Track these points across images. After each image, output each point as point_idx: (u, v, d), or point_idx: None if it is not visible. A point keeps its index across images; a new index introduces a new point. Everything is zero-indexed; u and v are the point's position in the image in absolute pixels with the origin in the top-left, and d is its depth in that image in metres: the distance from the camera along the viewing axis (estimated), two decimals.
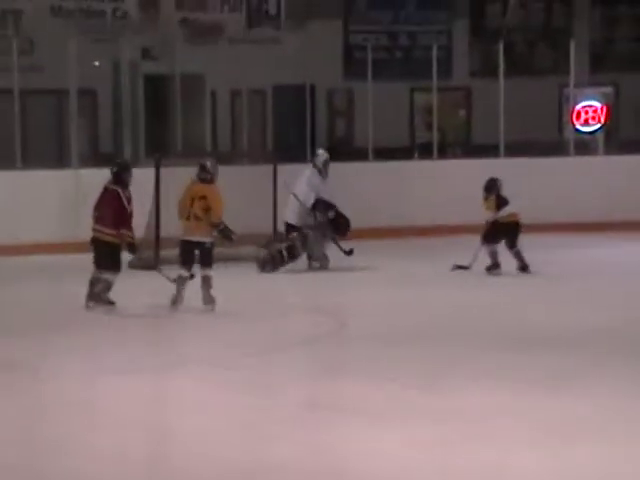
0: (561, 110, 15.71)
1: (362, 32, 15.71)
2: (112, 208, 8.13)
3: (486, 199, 10.13)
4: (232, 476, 4.73)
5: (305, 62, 13.52)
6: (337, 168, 12.57)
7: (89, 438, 5.23)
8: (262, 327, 7.87)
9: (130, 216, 8.20)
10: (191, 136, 13.03)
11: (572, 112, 14.23)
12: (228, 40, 14.72)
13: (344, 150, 14.34)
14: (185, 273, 8.23)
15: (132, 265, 10.31)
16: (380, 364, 6.63)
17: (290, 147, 12.96)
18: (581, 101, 14.33)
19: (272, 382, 6.26)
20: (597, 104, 14.33)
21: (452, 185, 12.70)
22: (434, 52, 13.35)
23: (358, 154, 13.13)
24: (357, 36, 15.71)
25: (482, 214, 12.99)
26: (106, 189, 8.34)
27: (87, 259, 10.53)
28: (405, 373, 6.39)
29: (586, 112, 14.26)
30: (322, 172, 10.80)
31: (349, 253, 10.40)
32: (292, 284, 9.81)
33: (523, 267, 9.84)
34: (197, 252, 8.26)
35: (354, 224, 12.22)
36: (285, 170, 11.09)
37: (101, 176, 11.93)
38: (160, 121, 13.45)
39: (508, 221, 9.91)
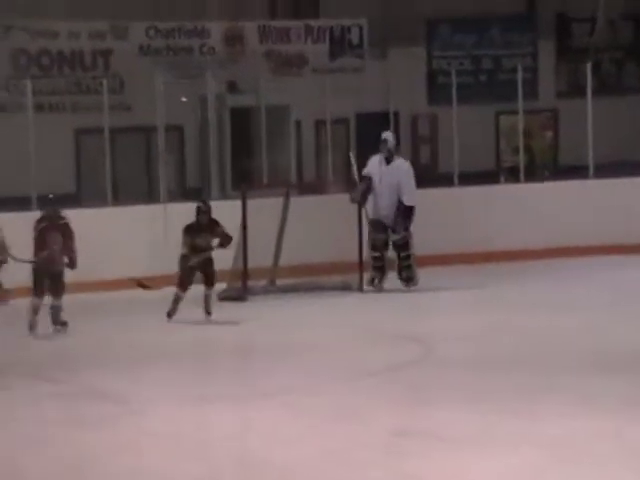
0: None
1: (445, 57, 15.80)
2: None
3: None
4: None
5: (388, 89, 13.64)
6: (422, 195, 12.61)
7: (177, 471, 5.35)
8: (349, 354, 7.98)
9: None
10: (276, 167, 13.24)
11: None
12: (312, 70, 14.94)
13: (429, 176, 14.40)
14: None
15: (222, 297, 10.55)
16: (469, 390, 6.67)
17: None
18: None
19: (359, 409, 6.35)
20: None
21: (540, 209, 12.64)
22: (519, 74, 13.33)
23: (443, 180, 13.17)
24: (440, 61, 15.79)
25: (571, 238, 12.87)
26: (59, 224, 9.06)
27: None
28: (495, 399, 6.42)
29: None
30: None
31: None
32: (378, 309, 9.91)
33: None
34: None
35: (443, 249, 12.28)
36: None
37: (188, 210, 12.28)
38: (246, 153, 13.70)
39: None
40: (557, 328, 8.53)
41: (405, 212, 10.65)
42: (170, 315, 9.40)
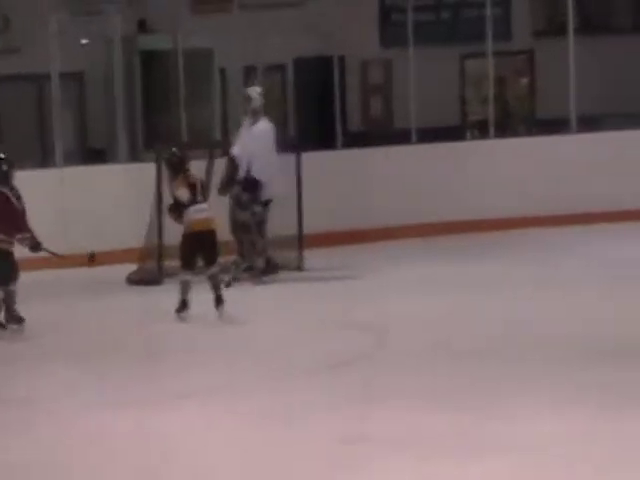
0: None
1: None
2: (6, 213, 8.60)
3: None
4: None
5: (333, 29, 13.59)
6: (374, 153, 12.69)
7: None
8: (286, 346, 7.96)
9: (24, 214, 8.69)
10: (197, 123, 13.15)
11: None
12: (240, 6, 14.81)
13: (382, 132, 14.39)
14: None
15: (131, 280, 10.45)
16: (429, 388, 6.68)
17: (317, 132, 13.03)
18: None
19: (299, 411, 6.34)
20: None
21: (514, 169, 12.71)
22: (488, 9, 13.37)
23: (399, 136, 13.19)
24: None
25: (549, 204, 12.98)
26: None
27: (76, 273, 10.73)
28: (460, 397, 6.45)
29: None
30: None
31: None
32: (320, 293, 9.89)
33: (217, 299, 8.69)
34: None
35: (397, 220, 12.32)
36: (311, 159, 11.15)
37: (90, 175, 12.10)
38: (160, 106, 13.59)
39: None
40: (531, 311, 8.58)
41: (246, 184, 10.32)
42: (182, 310, 8.72)
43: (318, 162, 11.64)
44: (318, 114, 13.85)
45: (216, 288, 8.69)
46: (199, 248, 8.77)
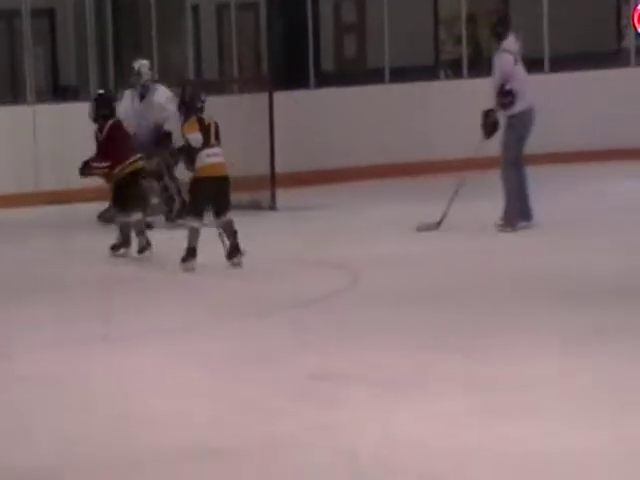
0: (619, 12, 15.61)
1: None
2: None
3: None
4: (227, 459, 4.80)
5: None
6: (348, 93, 12.66)
7: (46, 424, 5.30)
8: (258, 285, 7.97)
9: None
10: (170, 61, 13.06)
11: (633, 14, 14.16)
12: None
13: (355, 72, 14.35)
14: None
15: (102, 218, 10.45)
16: (401, 326, 6.70)
17: (290, 71, 12.96)
18: None
19: (269, 349, 6.34)
20: None
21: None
22: None
23: (372, 76, 13.15)
24: None
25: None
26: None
27: (49, 213, 10.74)
28: (431, 336, 6.47)
29: None
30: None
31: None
32: (294, 231, 9.89)
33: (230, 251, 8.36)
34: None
35: (371, 160, 12.30)
36: (284, 98, 11.12)
37: (62, 113, 12.03)
38: (132, 44, 13.47)
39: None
40: (505, 252, 8.62)
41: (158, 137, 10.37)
42: (189, 258, 8.23)
43: (291, 101, 11.62)
44: (291, 53, 13.77)
45: (232, 236, 8.35)
46: (211, 194, 8.35)
